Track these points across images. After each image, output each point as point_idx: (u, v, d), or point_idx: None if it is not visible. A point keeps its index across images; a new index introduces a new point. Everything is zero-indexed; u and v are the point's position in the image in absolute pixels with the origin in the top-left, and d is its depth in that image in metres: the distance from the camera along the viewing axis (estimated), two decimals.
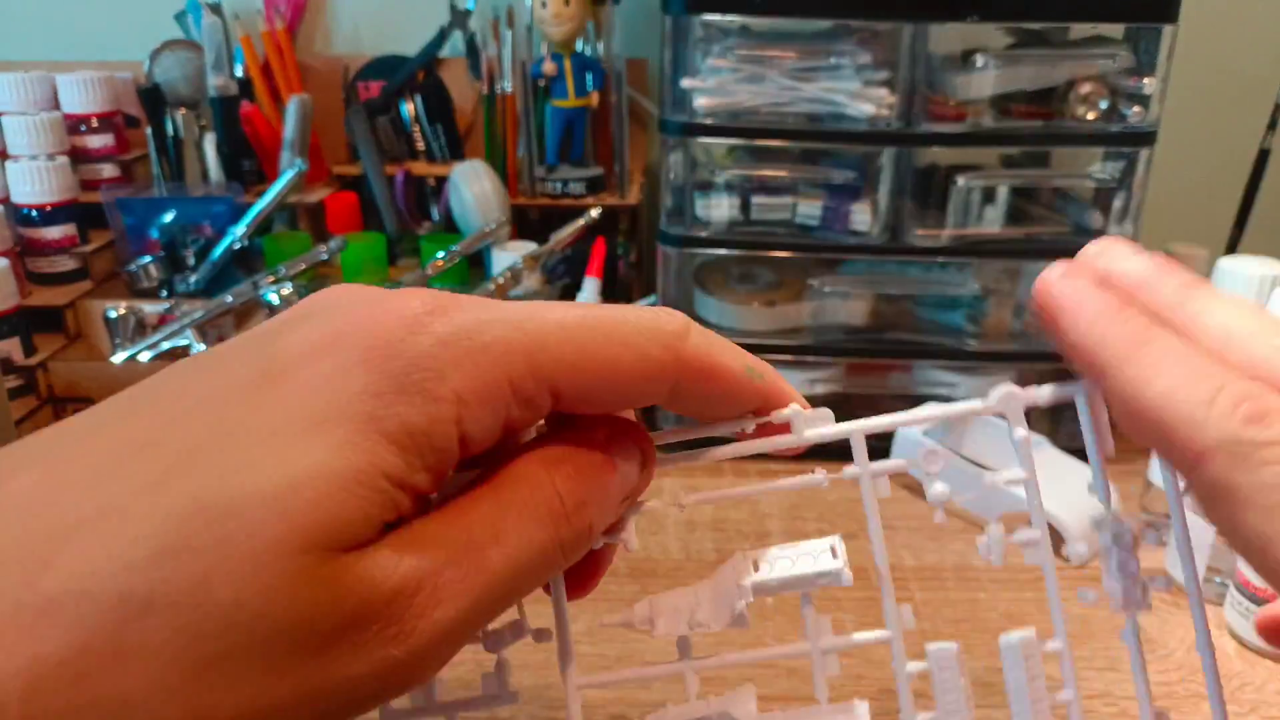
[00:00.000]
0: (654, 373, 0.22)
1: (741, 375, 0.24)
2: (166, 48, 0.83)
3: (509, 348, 0.20)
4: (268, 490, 0.17)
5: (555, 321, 0.21)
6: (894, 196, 0.66)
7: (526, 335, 0.20)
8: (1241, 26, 0.86)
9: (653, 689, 0.46)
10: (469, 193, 0.79)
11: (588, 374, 0.21)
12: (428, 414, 0.19)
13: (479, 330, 0.20)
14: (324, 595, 0.17)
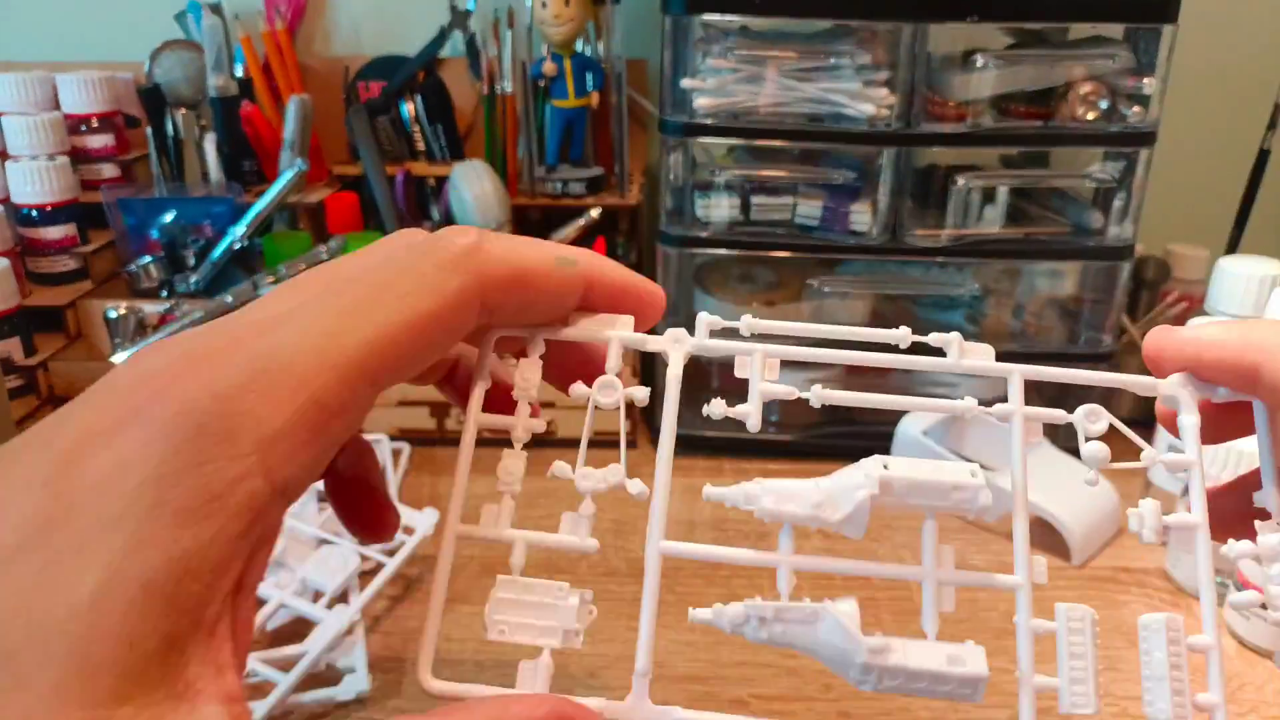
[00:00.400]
0: (458, 303, 0.21)
1: (554, 271, 0.23)
2: (167, 48, 0.83)
3: (308, 365, 0.19)
4: (43, 628, 0.16)
5: (346, 310, 0.20)
6: (894, 197, 0.66)
7: (323, 340, 0.19)
8: (1241, 26, 0.86)
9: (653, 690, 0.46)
10: (469, 193, 0.79)
11: (398, 350, 0.20)
12: (224, 477, 0.17)
13: (274, 355, 0.19)
14: None
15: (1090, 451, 0.23)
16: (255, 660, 0.45)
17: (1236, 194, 0.77)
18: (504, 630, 0.22)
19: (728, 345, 0.24)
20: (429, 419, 0.67)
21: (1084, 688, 0.21)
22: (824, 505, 0.22)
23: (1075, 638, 0.21)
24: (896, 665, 0.20)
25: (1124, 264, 0.67)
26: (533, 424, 0.24)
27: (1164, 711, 0.20)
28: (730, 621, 0.22)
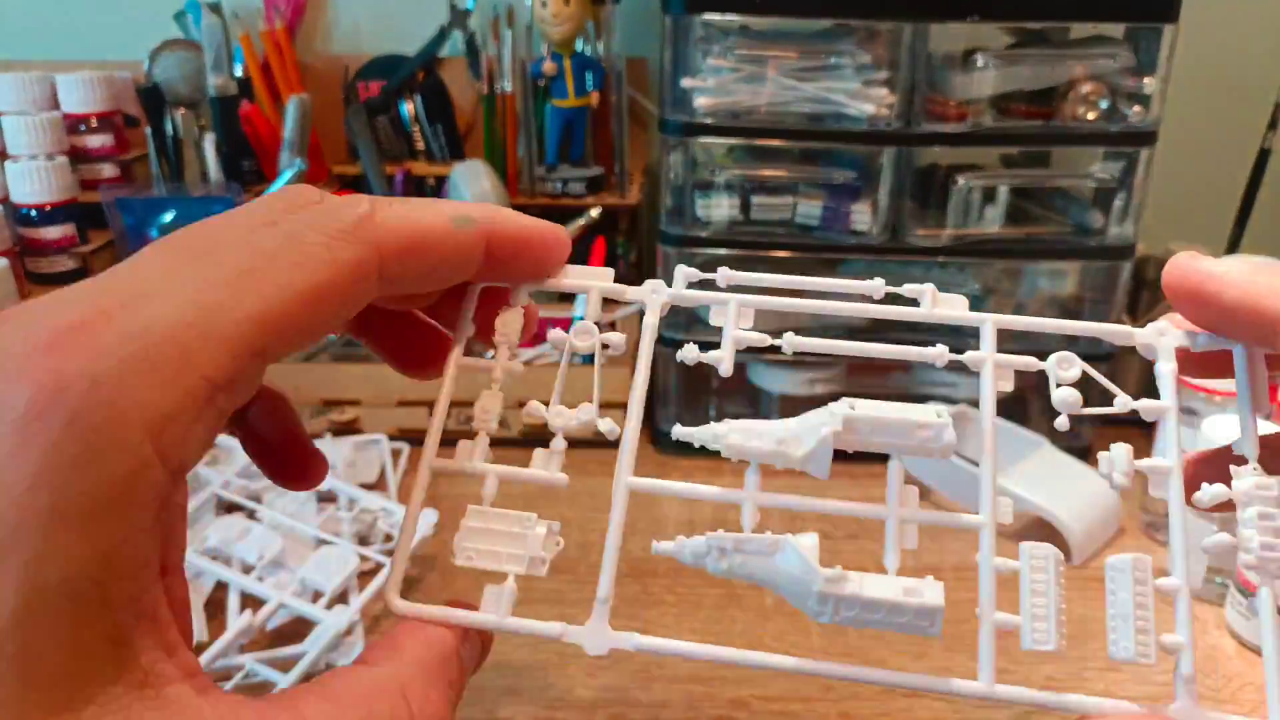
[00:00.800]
0: (353, 276, 0.20)
1: (451, 232, 0.23)
2: (166, 47, 0.83)
3: (192, 341, 0.18)
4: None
5: (228, 281, 0.19)
6: (894, 196, 0.66)
7: (207, 313, 0.18)
8: (1242, 26, 0.86)
9: (653, 690, 0.46)
10: (469, 192, 0.79)
11: (290, 322, 0.19)
12: (120, 472, 0.17)
13: (152, 331, 0.17)
14: None
15: (1061, 396, 0.23)
16: (255, 660, 0.45)
17: (1237, 193, 0.77)
18: (471, 556, 0.23)
19: (703, 295, 0.25)
20: (428, 419, 0.67)
21: (1045, 624, 0.21)
22: (787, 441, 0.23)
23: (1037, 575, 0.21)
24: (852, 595, 0.21)
25: (1124, 264, 0.66)
26: (511, 366, 0.25)
27: (1127, 650, 0.20)
28: (692, 553, 0.22)
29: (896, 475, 0.23)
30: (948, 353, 0.24)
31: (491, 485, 0.23)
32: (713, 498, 0.23)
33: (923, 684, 0.21)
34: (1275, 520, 0.21)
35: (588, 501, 0.63)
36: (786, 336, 0.24)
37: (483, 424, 0.24)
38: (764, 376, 0.70)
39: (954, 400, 0.67)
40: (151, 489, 0.17)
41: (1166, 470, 0.22)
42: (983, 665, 0.21)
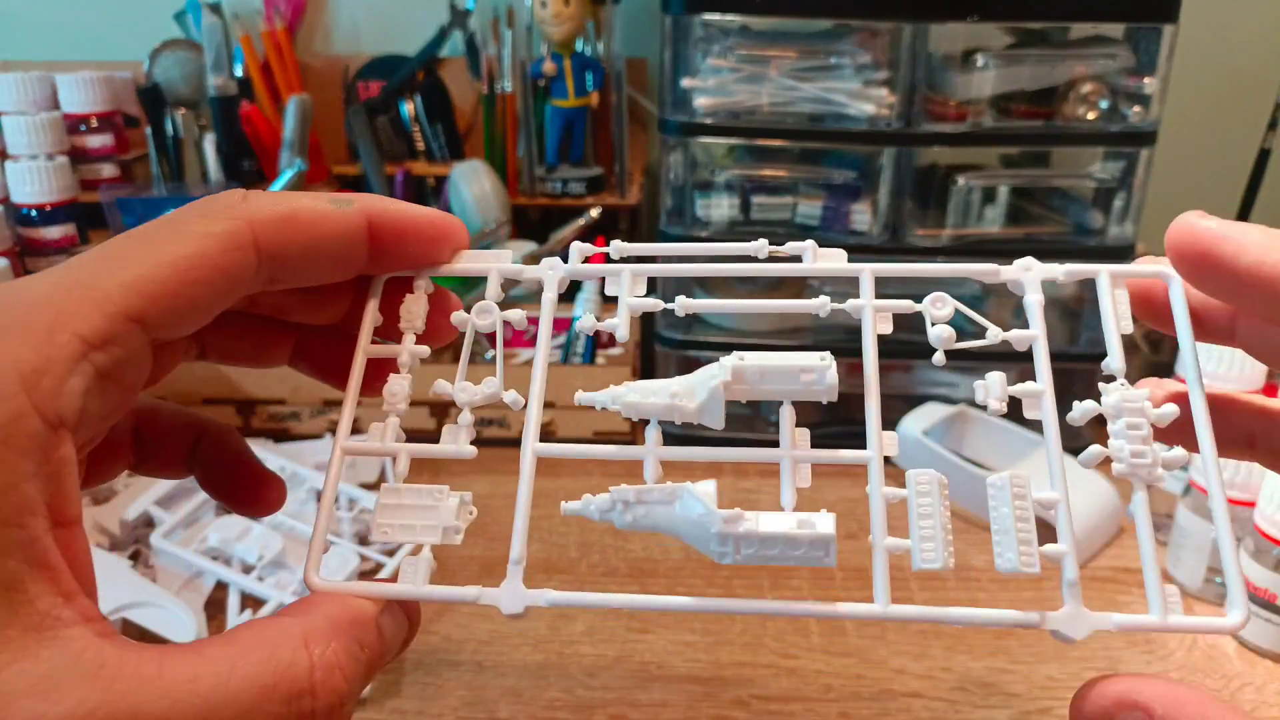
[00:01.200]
0: (224, 245, 0.21)
1: (328, 211, 0.23)
2: (166, 47, 0.83)
3: (65, 303, 0.19)
4: None
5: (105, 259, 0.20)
6: (894, 196, 0.66)
7: (82, 281, 0.19)
8: (1242, 26, 0.86)
9: (653, 690, 0.46)
10: (469, 192, 0.79)
11: (163, 289, 0.20)
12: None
13: (25, 298, 0.19)
14: None
15: (936, 334, 0.24)
16: None
17: (1237, 194, 0.77)
18: (387, 532, 0.23)
19: (597, 268, 0.26)
20: (429, 419, 0.67)
21: (933, 544, 0.21)
22: (680, 395, 0.23)
23: (923, 500, 0.22)
24: (748, 531, 0.21)
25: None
26: (419, 350, 0.26)
27: (1011, 561, 0.21)
28: (598, 509, 0.23)
29: (788, 418, 0.24)
30: (829, 302, 0.25)
31: (403, 463, 0.24)
32: (613, 456, 0.24)
33: (819, 610, 0.22)
34: (1142, 429, 0.22)
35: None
36: (678, 299, 0.25)
37: (391, 406, 0.25)
38: None
39: (954, 400, 0.67)
40: (29, 438, 0.18)
41: (1040, 392, 0.24)
42: (877, 587, 0.22)
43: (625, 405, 0.24)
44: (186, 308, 0.21)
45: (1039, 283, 0.25)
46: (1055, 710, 0.46)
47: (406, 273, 0.26)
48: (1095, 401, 0.23)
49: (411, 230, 0.25)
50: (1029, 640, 0.49)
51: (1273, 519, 0.47)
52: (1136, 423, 0.22)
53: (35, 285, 0.19)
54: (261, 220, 0.22)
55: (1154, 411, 0.23)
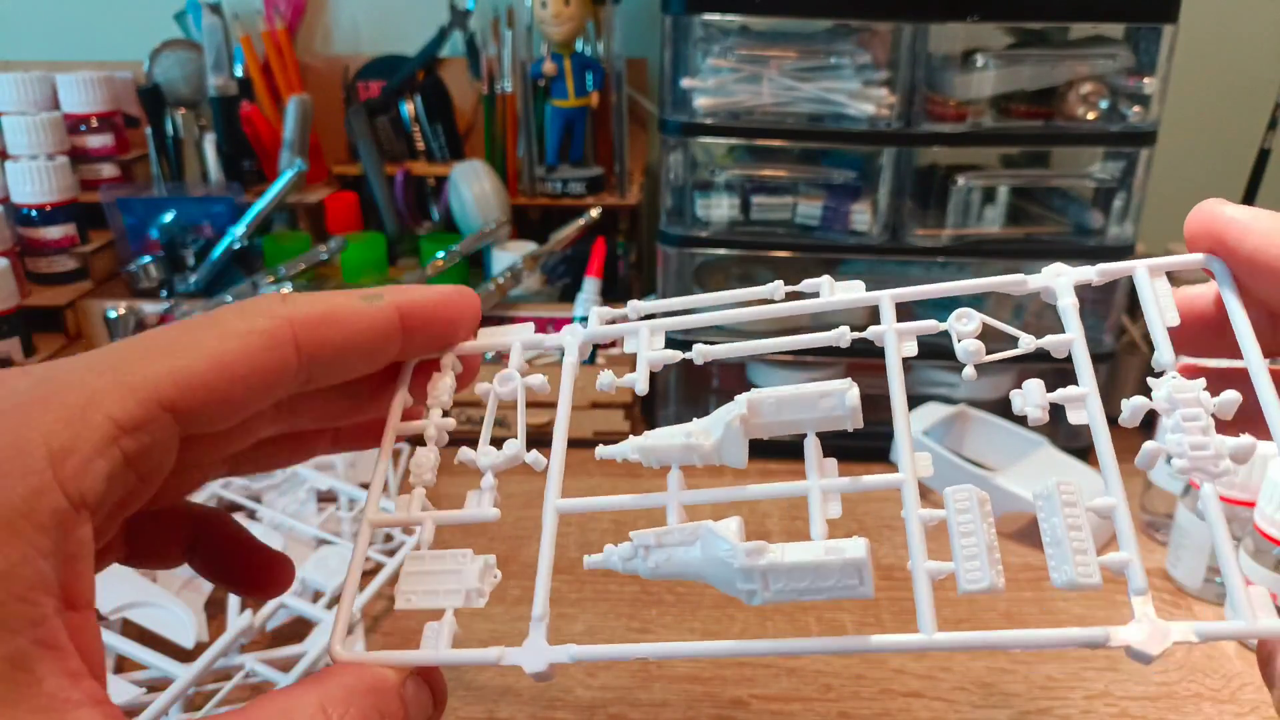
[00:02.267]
0: (265, 344, 0.21)
1: (361, 307, 0.24)
2: (166, 48, 0.83)
3: (100, 385, 0.19)
4: None
5: (147, 349, 0.20)
6: (894, 196, 0.66)
7: (119, 367, 0.19)
8: (1242, 26, 0.86)
9: (653, 690, 0.46)
10: (469, 192, 0.79)
11: (200, 381, 0.20)
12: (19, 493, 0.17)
13: (63, 379, 0.19)
14: None
15: (963, 348, 0.24)
16: (255, 660, 0.45)
17: (1237, 194, 0.77)
18: (410, 599, 0.23)
19: (615, 329, 0.27)
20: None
21: (977, 563, 0.20)
22: (696, 434, 0.23)
23: (963, 517, 0.21)
24: (773, 563, 0.20)
25: None
26: (445, 423, 0.26)
27: (1067, 574, 0.19)
28: (621, 558, 0.22)
29: (814, 448, 0.23)
30: (849, 332, 0.25)
31: (428, 531, 0.25)
32: (636, 506, 0.24)
33: (858, 645, 0.20)
34: (1200, 419, 0.21)
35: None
36: (696, 348, 0.26)
37: (418, 478, 0.25)
38: (763, 376, 0.70)
39: (954, 400, 0.67)
40: (51, 514, 0.17)
41: (1082, 396, 0.22)
42: (921, 615, 0.20)
43: (643, 451, 0.24)
44: (221, 401, 0.21)
45: (1071, 287, 0.24)
46: (1055, 710, 0.46)
47: (433, 355, 0.27)
48: (1145, 396, 0.22)
49: (438, 314, 0.26)
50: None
51: (1273, 519, 0.47)
52: (1193, 414, 0.21)
53: (70, 365, 0.19)
54: (301, 320, 0.22)
55: (1212, 401, 0.21)
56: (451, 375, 0.27)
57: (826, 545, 0.20)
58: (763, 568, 0.20)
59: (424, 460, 0.25)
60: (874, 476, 0.22)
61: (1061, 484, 0.20)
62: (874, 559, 0.21)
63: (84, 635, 0.18)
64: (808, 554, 0.20)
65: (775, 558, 0.20)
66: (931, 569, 0.20)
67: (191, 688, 0.43)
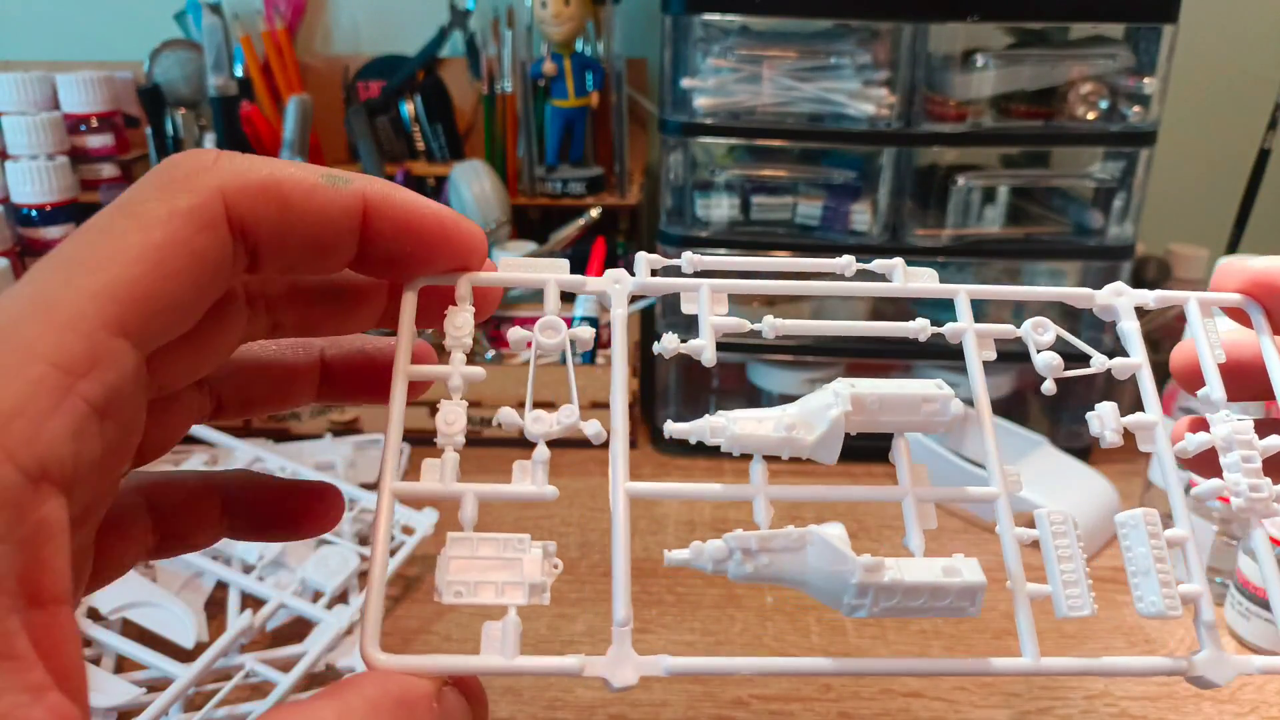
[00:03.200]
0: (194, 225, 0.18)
1: (317, 184, 0.19)
2: (166, 48, 0.83)
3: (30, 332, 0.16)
4: None
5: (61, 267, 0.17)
6: (894, 196, 0.66)
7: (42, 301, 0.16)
8: (1242, 26, 0.86)
9: (653, 690, 0.46)
10: (469, 192, 0.79)
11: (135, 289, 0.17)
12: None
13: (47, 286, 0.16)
14: None
15: (1044, 360, 0.23)
16: (256, 660, 0.45)
17: (1237, 194, 0.77)
18: (460, 592, 0.19)
19: (671, 282, 0.24)
20: (428, 419, 0.67)
21: (1078, 590, 0.20)
22: (797, 427, 0.21)
23: (1061, 540, 0.20)
24: (893, 582, 0.19)
25: (1124, 264, 0.66)
26: (470, 372, 0.22)
27: (1155, 604, 0.20)
28: (711, 559, 0.20)
29: (905, 454, 0.22)
30: (929, 325, 0.24)
31: (471, 508, 0.20)
32: (719, 497, 0.21)
33: (971, 668, 0.20)
34: (1254, 461, 0.21)
35: (587, 500, 0.63)
36: (766, 320, 0.23)
37: (448, 439, 0.21)
38: (763, 376, 0.70)
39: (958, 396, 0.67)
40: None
41: (1153, 424, 0.23)
42: (1024, 640, 0.20)
43: (730, 439, 0.21)
44: (170, 306, 0.17)
45: (1132, 309, 0.24)
46: (1055, 710, 0.46)
47: (445, 279, 0.23)
48: (1206, 431, 0.22)
49: (418, 226, 0.21)
50: None
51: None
52: (1250, 455, 0.21)
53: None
54: (235, 189, 0.18)
55: (1260, 443, 0.22)
56: (470, 310, 0.22)
57: (943, 565, 0.20)
58: (880, 586, 0.19)
59: (453, 416, 0.21)
60: (969, 489, 0.22)
61: (1146, 514, 0.21)
62: None
63: (53, 637, 0.15)
64: (927, 574, 0.20)
65: (895, 576, 0.19)
66: (1031, 591, 0.20)
67: (191, 688, 0.43)
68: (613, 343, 0.23)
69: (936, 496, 0.21)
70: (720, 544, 0.20)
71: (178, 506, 0.23)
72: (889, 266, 0.24)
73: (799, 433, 0.21)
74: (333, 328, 0.24)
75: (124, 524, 0.22)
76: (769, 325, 0.23)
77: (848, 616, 0.20)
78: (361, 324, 0.24)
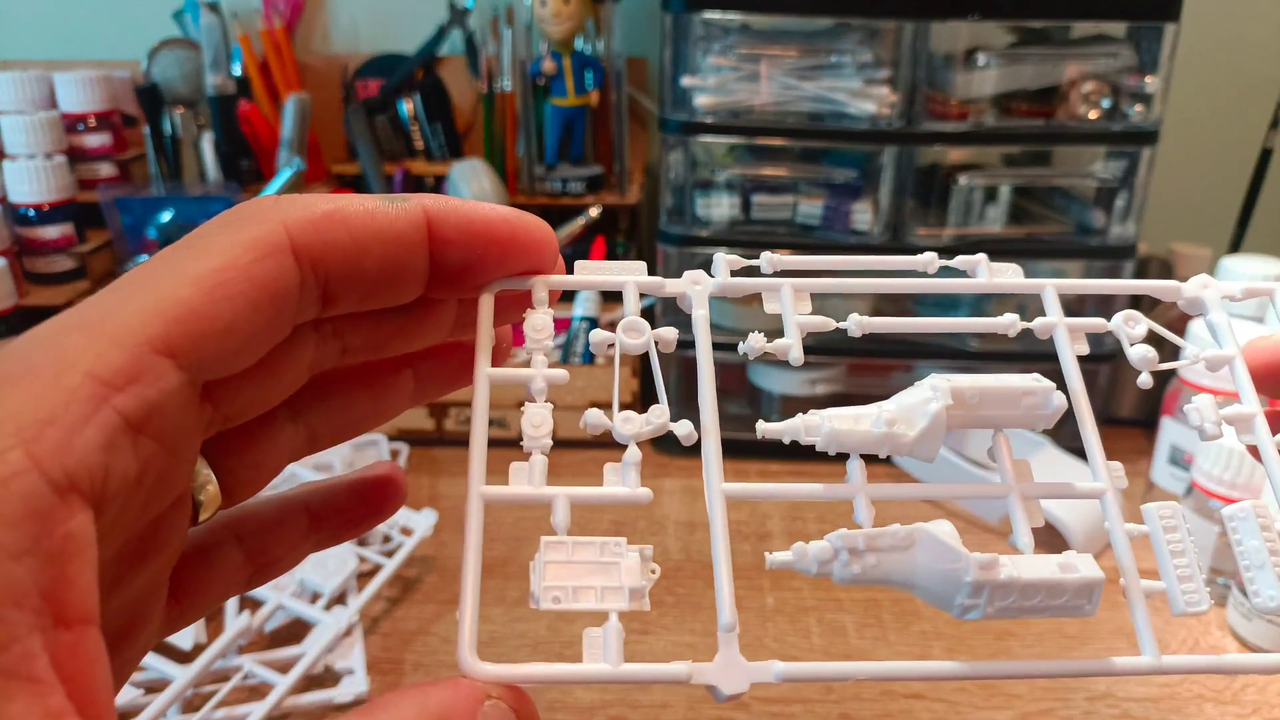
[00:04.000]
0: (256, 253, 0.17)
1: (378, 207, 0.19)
2: (164, 46, 0.83)
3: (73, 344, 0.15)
4: None
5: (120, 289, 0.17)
6: (895, 196, 0.65)
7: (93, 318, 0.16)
8: (1243, 25, 0.85)
9: (653, 690, 0.46)
10: (468, 192, 0.79)
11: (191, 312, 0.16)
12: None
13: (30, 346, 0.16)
14: None
15: (1139, 353, 0.23)
16: (253, 662, 0.45)
17: (1239, 193, 0.77)
18: (558, 598, 0.19)
19: (753, 282, 0.23)
20: (427, 419, 0.66)
21: (1193, 585, 0.19)
22: (897, 423, 0.21)
23: (1172, 535, 0.20)
24: (1009, 580, 0.19)
25: (1126, 263, 0.66)
26: (553, 374, 0.21)
27: (1274, 599, 0.19)
28: (816, 560, 0.19)
29: (1006, 450, 0.21)
30: (1019, 321, 0.23)
31: (563, 512, 0.20)
32: (820, 497, 0.21)
33: (1091, 669, 0.19)
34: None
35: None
36: (852, 318, 0.23)
37: (535, 443, 0.21)
38: (764, 376, 0.70)
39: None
40: (22, 501, 0.14)
41: (1251, 416, 0.22)
42: (1143, 638, 0.19)
43: (827, 436, 0.21)
44: (223, 330, 0.17)
45: (1219, 300, 0.23)
46: (1056, 711, 0.45)
47: (520, 283, 0.22)
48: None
49: (484, 233, 0.21)
50: (1030, 641, 0.49)
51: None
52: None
53: (37, 331, 0.16)
54: (297, 221, 0.18)
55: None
56: (549, 312, 0.22)
57: (1060, 562, 0.19)
58: (996, 584, 0.19)
59: (539, 419, 0.21)
60: (1076, 484, 0.21)
61: (1256, 505, 0.20)
62: None
63: (77, 660, 0.14)
64: (1043, 571, 0.19)
65: (1011, 573, 0.19)
66: (1146, 588, 0.20)
67: (190, 689, 0.43)
68: (697, 345, 0.22)
69: (1043, 493, 0.21)
70: (825, 545, 0.19)
71: (267, 533, 0.22)
72: (971, 263, 0.24)
73: (899, 428, 0.21)
74: (404, 344, 0.23)
75: (214, 560, 0.22)
76: (854, 323, 0.23)
77: (959, 619, 0.19)
78: (433, 336, 0.24)
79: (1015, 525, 0.21)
